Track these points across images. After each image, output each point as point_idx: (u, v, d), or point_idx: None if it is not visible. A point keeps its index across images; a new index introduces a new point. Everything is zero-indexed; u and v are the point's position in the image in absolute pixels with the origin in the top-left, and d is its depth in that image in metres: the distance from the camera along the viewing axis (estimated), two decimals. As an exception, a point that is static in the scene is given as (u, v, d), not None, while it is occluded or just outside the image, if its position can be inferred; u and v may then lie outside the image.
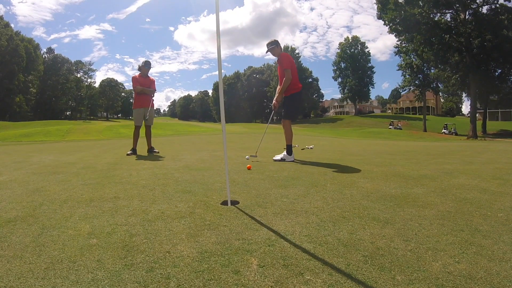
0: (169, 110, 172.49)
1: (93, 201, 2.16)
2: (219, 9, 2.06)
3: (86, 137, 22.15)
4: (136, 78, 5.65)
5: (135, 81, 5.65)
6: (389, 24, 30.52)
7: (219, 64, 2.12)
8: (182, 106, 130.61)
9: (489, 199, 2.14)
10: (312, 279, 1.09)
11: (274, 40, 4.48)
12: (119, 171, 3.51)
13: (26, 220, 1.76)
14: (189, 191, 2.45)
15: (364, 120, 56.38)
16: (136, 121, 5.72)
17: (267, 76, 75.39)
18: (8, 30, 58.41)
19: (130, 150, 5.65)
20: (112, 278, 1.11)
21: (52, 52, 78.45)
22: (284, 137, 4.52)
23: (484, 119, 40.67)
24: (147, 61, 5.80)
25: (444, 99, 79.07)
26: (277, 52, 4.46)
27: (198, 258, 1.26)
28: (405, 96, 78.28)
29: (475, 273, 1.12)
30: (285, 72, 4.28)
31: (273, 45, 4.45)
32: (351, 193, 2.32)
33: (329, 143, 9.88)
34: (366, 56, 67.82)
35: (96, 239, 1.47)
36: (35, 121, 47.48)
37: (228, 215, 1.82)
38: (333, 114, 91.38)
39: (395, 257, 1.25)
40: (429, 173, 3.18)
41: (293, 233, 1.52)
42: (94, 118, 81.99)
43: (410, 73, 43.06)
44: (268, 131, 7.77)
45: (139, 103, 5.66)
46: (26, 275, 1.13)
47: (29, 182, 2.89)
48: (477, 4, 28.44)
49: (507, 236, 1.46)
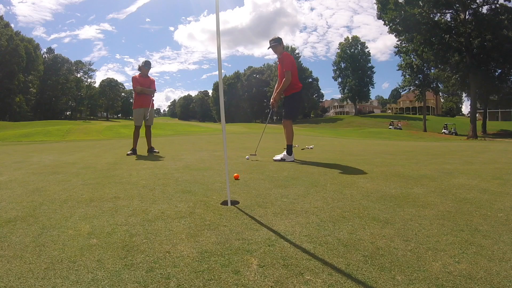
0: (169, 110, 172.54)
1: (93, 201, 2.16)
2: (219, 9, 2.06)
3: (86, 137, 22.14)
4: (136, 78, 5.65)
5: (135, 81, 5.65)
6: (389, 24, 30.52)
7: (219, 64, 2.12)
8: (182, 106, 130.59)
9: (489, 199, 2.14)
10: (312, 279, 1.09)
11: (278, 38, 4.49)
12: (119, 171, 3.51)
13: (26, 220, 1.76)
14: (189, 191, 2.45)
15: (364, 120, 56.38)
16: (136, 121, 5.72)
17: (267, 76, 75.39)
18: (8, 30, 58.43)
19: (130, 150, 5.65)
20: (112, 278, 1.11)
21: (52, 52, 78.52)
22: (284, 137, 4.52)
23: (484, 119, 40.67)
24: (147, 61, 5.79)
25: (444, 99, 79.06)
26: (279, 51, 4.48)
27: (198, 258, 1.26)
28: (405, 96, 78.27)
29: (475, 273, 1.12)
30: (285, 73, 4.30)
31: (276, 42, 4.46)
32: (351, 193, 2.32)
33: (329, 143, 9.88)
34: (366, 56, 67.82)
35: (96, 239, 1.47)
36: (35, 121, 47.47)
37: (228, 215, 1.82)
38: (333, 114, 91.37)
39: (395, 257, 1.25)
40: (429, 173, 3.18)
41: (293, 233, 1.52)
42: (94, 118, 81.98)
43: (410, 73, 43.09)
44: (268, 131, 7.76)
45: (139, 103, 5.66)
46: (26, 275, 1.13)
47: (29, 182, 2.89)
48: (477, 4, 28.43)
49: (507, 236, 1.46)
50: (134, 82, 5.66)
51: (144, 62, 5.77)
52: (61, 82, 73.38)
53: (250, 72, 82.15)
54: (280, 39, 4.50)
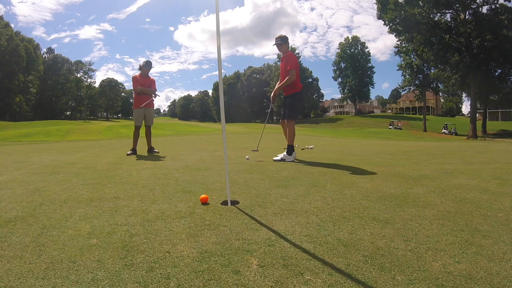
0: (169, 110, 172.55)
1: (93, 201, 2.16)
2: (219, 9, 2.06)
3: (86, 137, 22.14)
4: (137, 78, 5.66)
5: (135, 81, 5.66)
6: (389, 24, 30.52)
7: (219, 64, 2.12)
8: (182, 106, 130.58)
9: (489, 199, 2.14)
10: (312, 279, 1.09)
11: (284, 36, 4.53)
12: (119, 171, 3.51)
13: (26, 220, 1.76)
14: (189, 191, 2.45)
15: (364, 120, 56.37)
16: (136, 121, 5.70)
17: (267, 76, 75.37)
18: (8, 30, 58.38)
19: (130, 150, 5.65)
20: (112, 278, 1.11)
21: (52, 52, 78.50)
22: (284, 137, 4.53)
23: (484, 119, 40.67)
24: (148, 61, 5.78)
25: (444, 99, 79.03)
26: (284, 49, 4.52)
27: (198, 258, 1.26)
28: (405, 96, 78.25)
29: (475, 273, 1.12)
30: (289, 72, 4.33)
31: (282, 40, 4.50)
32: (351, 193, 2.32)
33: (329, 143, 9.88)
34: (366, 56, 67.81)
35: (96, 239, 1.47)
36: (35, 121, 47.47)
37: (228, 215, 1.82)
38: (333, 114, 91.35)
39: (395, 257, 1.25)
40: (429, 173, 3.18)
41: (293, 233, 1.52)
42: (94, 118, 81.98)
43: (410, 73, 43.08)
44: (268, 131, 7.76)
45: (139, 103, 5.66)
46: (26, 275, 1.13)
47: (29, 182, 2.89)
48: (477, 4, 28.44)
49: (507, 236, 1.46)
50: (134, 82, 5.66)
51: (145, 62, 5.76)
52: (61, 82, 73.38)
53: (250, 72, 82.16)
54: (286, 37, 4.53)
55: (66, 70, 76.29)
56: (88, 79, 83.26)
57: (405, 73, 43.77)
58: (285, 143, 4.51)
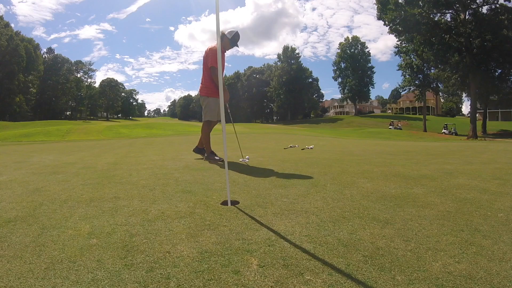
0: (169, 110, 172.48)
1: (93, 201, 2.16)
2: (220, 9, 2.06)
3: (86, 137, 22.15)
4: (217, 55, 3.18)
5: (214, 59, 3.81)
6: (389, 24, 30.52)
7: (219, 64, 2.13)
8: (182, 106, 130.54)
9: (489, 199, 2.14)
10: (312, 279, 1.09)
11: None
12: (119, 171, 3.50)
13: (26, 220, 1.76)
14: (189, 191, 2.45)
15: (364, 120, 56.41)
16: (211, 115, 4.19)
17: (267, 76, 75.43)
18: (8, 30, 58.44)
19: (215, 155, 4.18)
20: (112, 278, 1.11)
21: (52, 52, 78.58)
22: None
23: (484, 119, 40.70)
24: (237, 32, 3.99)
25: (444, 99, 79.02)
26: None
27: (198, 258, 1.26)
28: (405, 96, 78.28)
29: (475, 273, 1.12)
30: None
31: None
32: (351, 193, 2.32)
33: (329, 143, 9.87)
34: (366, 56, 67.90)
35: (96, 239, 1.47)
36: (35, 121, 47.51)
37: (228, 215, 1.82)
38: (333, 114, 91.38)
39: (395, 257, 1.25)
40: (429, 173, 3.18)
41: (293, 233, 1.52)
42: (94, 118, 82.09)
43: (410, 73, 43.11)
44: (268, 131, 7.74)
45: (217, 90, 3.81)
46: (26, 275, 1.13)
47: (29, 182, 2.89)
48: (477, 4, 28.46)
49: (507, 236, 1.46)
50: (214, 59, 3.83)
51: (236, 32, 3.97)
52: (61, 82, 73.43)
53: (250, 72, 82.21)
54: None
55: (66, 70, 76.35)
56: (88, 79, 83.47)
57: (405, 73, 43.80)
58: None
